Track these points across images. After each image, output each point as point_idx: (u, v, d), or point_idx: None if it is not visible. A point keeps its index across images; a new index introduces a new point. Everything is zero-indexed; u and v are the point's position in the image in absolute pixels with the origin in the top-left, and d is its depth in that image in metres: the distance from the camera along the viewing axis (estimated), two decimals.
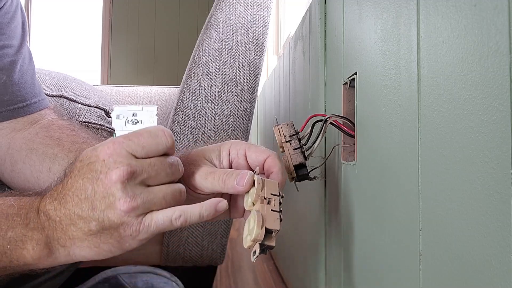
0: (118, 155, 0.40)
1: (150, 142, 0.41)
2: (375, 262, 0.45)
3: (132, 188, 0.40)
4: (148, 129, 0.42)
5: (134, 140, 0.41)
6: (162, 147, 0.42)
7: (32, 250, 0.42)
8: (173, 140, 0.43)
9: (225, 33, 0.86)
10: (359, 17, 0.50)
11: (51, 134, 0.62)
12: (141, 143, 0.41)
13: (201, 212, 0.42)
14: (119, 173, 0.39)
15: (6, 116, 0.63)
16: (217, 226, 0.94)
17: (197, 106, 0.86)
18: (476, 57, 0.27)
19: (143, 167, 0.41)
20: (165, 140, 0.42)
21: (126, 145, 0.41)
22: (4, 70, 0.62)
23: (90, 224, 0.40)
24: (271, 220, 0.42)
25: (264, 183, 0.44)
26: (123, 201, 0.39)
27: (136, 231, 0.41)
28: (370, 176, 0.46)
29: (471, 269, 0.28)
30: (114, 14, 3.81)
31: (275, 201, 0.43)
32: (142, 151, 0.41)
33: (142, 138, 0.41)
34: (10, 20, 0.64)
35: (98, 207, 0.40)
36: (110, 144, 0.41)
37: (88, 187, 0.40)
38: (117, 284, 0.83)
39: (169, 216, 0.41)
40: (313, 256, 0.73)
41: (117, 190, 0.40)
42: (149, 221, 0.41)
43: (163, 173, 0.42)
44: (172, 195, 0.42)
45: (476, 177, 0.27)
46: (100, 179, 0.40)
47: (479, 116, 0.27)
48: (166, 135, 0.42)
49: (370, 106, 0.46)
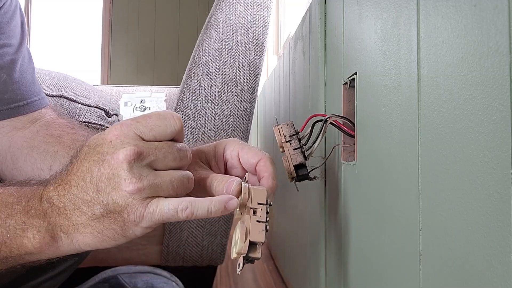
0: (125, 136, 0.40)
1: (159, 124, 0.41)
2: (375, 262, 0.45)
3: (138, 169, 0.39)
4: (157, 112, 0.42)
5: (142, 122, 0.41)
6: (171, 130, 0.41)
7: (33, 238, 0.41)
8: (181, 124, 0.42)
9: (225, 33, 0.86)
10: (359, 17, 0.50)
11: (51, 132, 0.63)
12: (149, 125, 0.41)
13: (209, 207, 0.41)
14: (126, 152, 0.39)
15: (6, 114, 0.63)
16: (217, 226, 0.94)
17: (197, 106, 0.86)
18: (476, 57, 0.27)
19: (150, 149, 0.40)
20: (174, 123, 0.41)
21: (134, 127, 0.40)
22: (4, 69, 0.62)
23: (95, 207, 0.40)
24: (255, 232, 0.41)
25: (251, 192, 0.43)
26: (128, 182, 0.39)
27: (140, 216, 0.40)
28: (370, 176, 0.46)
29: (471, 269, 0.28)
30: (114, 14, 3.81)
31: (262, 211, 0.42)
32: (150, 133, 0.40)
33: (151, 120, 0.41)
34: (9, 19, 0.64)
35: (103, 189, 0.39)
36: (118, 126, 0.40)
37: (94, 169, 0.40)
38: (117, 284, 0.83)
39: (175, 206, 0.40)
40: (313, 256, 0.73)
41: (123, 170, 0.39)
42: (154, 207, 0.40)
43: (171, 156, 0.41)
44: (180, 181, 0.41)
45: (476, 177, 0.27)
46: (106, 160, 0.39)
47: (479, 116, 0.27)
48: (174, 118, 0.42)
49: (370, 106, 0.46)
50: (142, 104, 0.44)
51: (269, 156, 0.48)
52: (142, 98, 0.44)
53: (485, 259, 0.26)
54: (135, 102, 0.44)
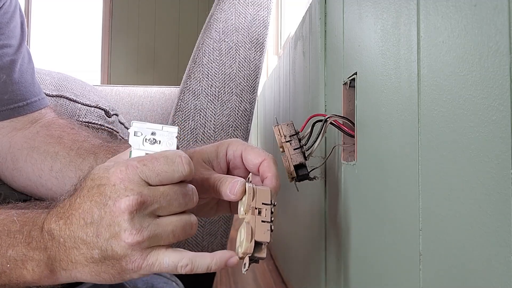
0: (130, 181, 0.38)
1: (166, 169, 0.39)
2: (375, 262, 0.45)
3: (139, 220, 0.38)
4: (165, 154, 0.40)
5: (149, 165, 0.39)
6: (178, 175, 0.39)
7: (32, 271, 0.41)
8: (191, 168, 0.40)
9: (225, 33, 0.86)
10: (359, 17, 0.50)
11: (51, 132, 0.63)
12: (156, 170, 0.39)
13: (210, 265, 0.40)
14: (128, 202, 0.37)
15: (6, 115, 0.63)
16: (217, 226, 0.94)
17: (197, 106, 0.86)
18: (476, 57, 0.27)
19: (155, 196, 0.39)
20: (182, 168, 0.40)
21: (140, 170, 0.39)
22: (4, 70, 0.62)
23: (93, 251, 0.39)
24: (261, 232, 0.42)
25: (256, 192, 0.43)
26: (128, 233, 0.38)
27: (138, 267, 0.39)
28: (370, 176, 0.46)
29: (471, 269, 0.28)
30: (114, 14, 3.81)
31: (266, 211, 0.43)
32: (156, 178, 0.39)
33: (158, 165, 0.39)
34: (9, 20, 0.64)
35: (102, 234, 0.38)
36: (123, 168, 0.39)
37: (95, 211, 0.38)
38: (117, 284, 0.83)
39: (175, 262, 0.39)
40: (313, 256, 0.73)
41: (124, 220, 0.38)
42: (153, 260, 0.39)
43: (175, 203, 0.40)
44: (183, 229, 0.40)
45: (476, 177, 0.27)
46: (108, 206, 0.38)
47: (479, 116, 0.27)
48: (183, 162, 0.40)
49: (370, 106, 0.46)
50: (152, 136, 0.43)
51: (272, 156, 0.47)
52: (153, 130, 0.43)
53: (485, 259, 0.26)
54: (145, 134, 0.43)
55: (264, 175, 0.46)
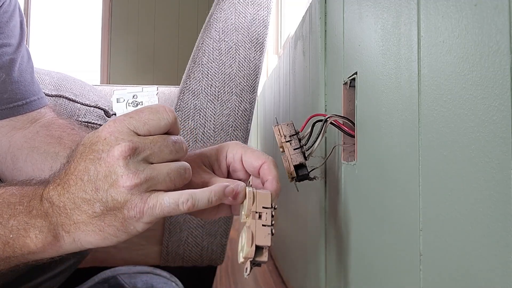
0: (119, 132, 0.40)
1: (152, 117, 0.41)
2: (375, 262, 0.45)
3: (134, 164, 0.39)
4: (149, 106, 0.42)
5: (135, 117, 0.41)
6: (164, 123, 0.41)
7: (35, 238, 0.41)
8: (175, 116, 0.42)
9: (225, 32, 0.86)
10: (359, 16, 0.50)
11: (51, 133, 0.63)
12: (143, 120, 0.41)
13: (209, 197, 0.41)
14: (121, 148, 0.39)
15: (5, 114, 0.63)
16: (217, 226, 0.94)
17: (196, 106, 0.86)
18: (477, 57, 0.27)
19: (145, 143, 0.40)
20: (167, 116, 0.41)
21: (127, 122, 0.40)
22: (3, 69, 0.62)
23: (94, 205, 0.40)
24: (261, 236, 0.42)
25: (256, 196, 0.43)
26: (125, 177, 0.39)
27: (140, 212, 0.40)
28: (370, 176, 0.46)
29: (471, 269, 0.28)
30: (114, 13, 3.81)
31: (267, 215, 0.43)
32: (143, 128, 0.41)
33: (143, 115, 0.41)
34: (8, 19, 0.64)
35: (101, 187, 0.39)
36: (111, 123, 0.40)
37: (91, 168, 0.40)
38: (117, 284, 0.83)
39: (176, 199, 0.40)
40: (313, 256, 0.73)
41: (119, 166, 0.39)
42: (153, 202, 0.40)
43: (166, 150, 0.41)
44: (177, 172, 0.41)
45: (477, 177, 0.27)
46: (102, 158, 0.39)
47: (479, 116, 0.27)
48: (167, 111, 0.42)
49: (371, 106, 0.46)
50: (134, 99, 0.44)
51: (272, 159, 0.48)
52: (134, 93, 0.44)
53: (485, 259, 0.26)
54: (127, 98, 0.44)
55: (265, 178, 0.47)
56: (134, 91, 0.44)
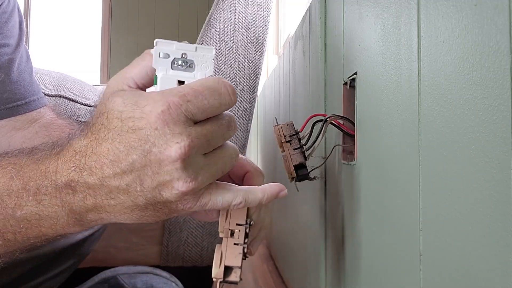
0: (175, 124, 0.33)
1: (213, 104, 0.34)
2: (375, 262, 0.45)
3: (193, 166, 0.34)
4: (209, 85, 0.35)
5: (193, 101, 0.34)
6: (225, 108, 0.36)
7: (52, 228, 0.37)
8: (236, 98, 0.36)
9: (225, 32, 0.86)
10: (359, 16, 0.50)
11: (51, 133, 0.63)
12: (202, 106, 0.34)
13: (262, 199, 0.39)
14: (180, 151, 0.33)
15: (5, 114, 0.63)
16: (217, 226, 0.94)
17: None
18: (477, 57, 0.27)
19: (204, 136, 0.34)
20: (229, 100, 0.35)
21: (185, 108, 0.33)
22: (2, 69, 0.62)
23: (137, 199, 0.35)
24: (231, 256, 0.40)
25: (229, 212, 0.42)
26: (182, 182, 0.34)
27: (190, 207, 0.36)
28: (370, 176, 0.46)
29: (471, 269, 0.28)
30: (114, 13, 3.81)
31: (240, 233, 0.41)
32: (202, 115, 0.34)
33: (204, 99, 0.34)
34: (7, 19, 0.64)
35: (147, 183, 0.34)
36: (165, 107, 0.33)
37: (136, 158, 0.33)
38: (117, 284, 0.83)
39: (229, 201, 0.37)
40: (313, 257, 0.73)
41: (175, 169, 0.33)
42: (206, 201, 0.36)
43: (221, 138, 0.36)
44: (230, 162, 0.37)
45: (477, 177, 0.27)
46: (153, 153, 0.33)
47: (479, 116, 0.27)
48: (230, 92, 0.35)
49: (371, 106, 0.46)
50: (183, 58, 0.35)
51: (256, 168, 0.46)
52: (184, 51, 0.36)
53: (485, 259, 0.26)
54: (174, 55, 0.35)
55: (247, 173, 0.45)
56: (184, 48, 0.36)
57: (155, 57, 0.36)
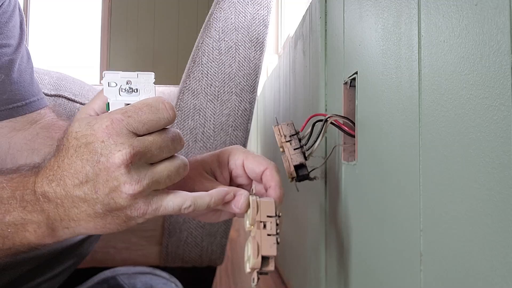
0: (118, 135, 0.38)
1: (151, 118, 0.39)
2: (375, 263, 0.45)
3: (136, 171, 0.39)
4: (148, 102, 0.40)
5: (134, 116, 0.39)
6: (164, 122, 0.40)
7: (34, 232, 0.41)
8: (174, 113, 0.41)
9: (225, 32, 0.86)
10: (359, 16, 0.50)
11: (51, 134, 0.62)
12: (142, 120, 0.39)
13: (209, 202, 0.42)
14: (123, 157, 0.38)
15: (5, 115, 0.63)
16: (217, 226, 0.94)
17: (196, 106, 0.85)
18: (477, 57, 0.27)
19: (145, 146, 0.39)
20: (167, 115, 0.40)
21: (126, 123, 0.39)
22: (2, 69, 0.62)
23: (95, 207, 0.39)
24: (267, 246, 0.42)
25: (259, 205, 0.43)
26: (128, 186, 0.38)
27: (143, 213, 0.40)
28: (370, 176, 0.46)
29: (472, 269, 0.28)
30: (113, 13, 3.81)
31: (271, 224, 0.43)
32: (143, 128, 0.39)
33: (143, 115, 0.39)
34: (8, 19, 0.64)
35: (101, 190, 0.39)
36: (109, 123, 0.38)
37: (89, 169, 0.38)
38: (116, 285, 0.83)
39: (179, 205, 0.41)
40: (313, 257, 0.73)
41: (121, 174, 0.38)
42: (157, 206, 0.40)
43: (166, 149, 0.40)
44: (177, 172, 0.41)
45: (477, 177, 0.27)
46: (101, 163, 0.38)
47: (480, 116, 0.27)
48: (167, 108, 0.40)
49: (371, 105, 0.46)
50: (128, 85, 0.41)
51: (274, 164, 0.47)
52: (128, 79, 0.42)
53: (486, 259, 0.26)
54: (120, 83, 0.41)
55: (267, 184, 0.47)
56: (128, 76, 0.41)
57: (105, 87, 0.41)
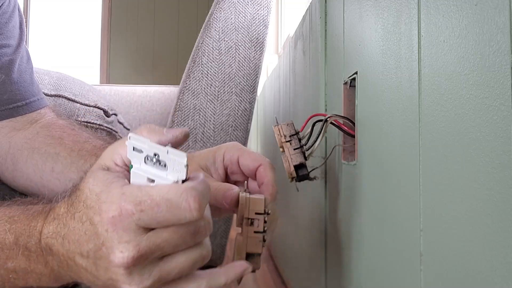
0: (124, 231, 0.33)
1: (169, 217, 0.33)
2: (375, 263, 0.45)
3: (139, 272, 0.34)
4: (169, 198, 0.33)
5: (148, 212, 0.33)
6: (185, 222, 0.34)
7: (39, 280, 0.39)
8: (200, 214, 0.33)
9: (225, 32, 0.86)
10: (359, 16, 0.50)
11: (52, 133, 0.62)
12: (157, 218, 0.33)
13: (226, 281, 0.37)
14: (123, 260, 0.33)
15: (5, 115, 0.63)
16: (217, 226, 0.94)
17: (196, 106, 0.86)
18: (477, 57, 0.27)
19: (156, 245, 0.34)
20: (190, 216, 0.33)
21: (137, 218, 0.33)
22: (2, 69, 0.62)
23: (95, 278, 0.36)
24: (253, 244, 0.42)
25: (249, 202, 0.43)
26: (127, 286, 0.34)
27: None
28: (370, 176, 0.46)
29: (472, 269, 0.28)
30: (113, 13, 3.81)
31: (259, 221, 0.43)
32: (157, 225, 0.34)
33: (159, 212, 0.33)
34: (7, 20, 0.64)
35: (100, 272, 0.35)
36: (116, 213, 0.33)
37: (91, 248, 0.35)
38: None
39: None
40: (313, 256, 0.73)
41: (120, 274, 0.34)
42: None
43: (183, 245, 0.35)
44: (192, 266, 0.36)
45: (477, 177, 0.27)
46: (102, 251, 0.34)
47: (480, 116, 0.27)
48: (192, 209, 0.33)
49: (371, 105, 0.46)
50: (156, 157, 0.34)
51: (269, 161, 0.47)
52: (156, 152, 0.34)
53: (486, 259, 0.26)
54: (147, 152, 0.35)
55: (260, 180, 0.46)
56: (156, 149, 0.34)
57: (129, 150, 0.35)
